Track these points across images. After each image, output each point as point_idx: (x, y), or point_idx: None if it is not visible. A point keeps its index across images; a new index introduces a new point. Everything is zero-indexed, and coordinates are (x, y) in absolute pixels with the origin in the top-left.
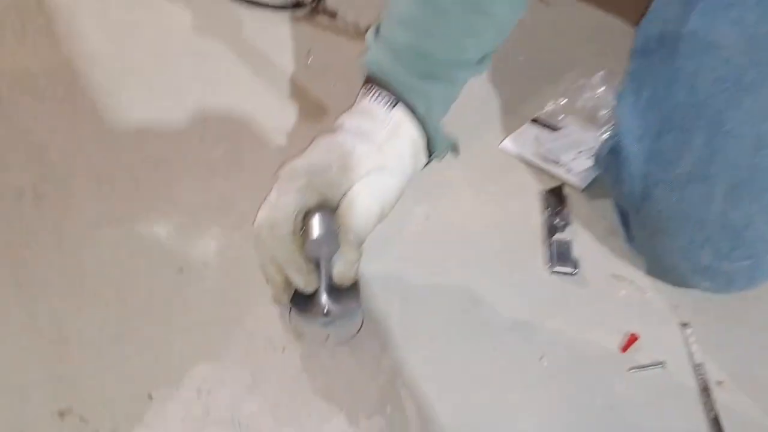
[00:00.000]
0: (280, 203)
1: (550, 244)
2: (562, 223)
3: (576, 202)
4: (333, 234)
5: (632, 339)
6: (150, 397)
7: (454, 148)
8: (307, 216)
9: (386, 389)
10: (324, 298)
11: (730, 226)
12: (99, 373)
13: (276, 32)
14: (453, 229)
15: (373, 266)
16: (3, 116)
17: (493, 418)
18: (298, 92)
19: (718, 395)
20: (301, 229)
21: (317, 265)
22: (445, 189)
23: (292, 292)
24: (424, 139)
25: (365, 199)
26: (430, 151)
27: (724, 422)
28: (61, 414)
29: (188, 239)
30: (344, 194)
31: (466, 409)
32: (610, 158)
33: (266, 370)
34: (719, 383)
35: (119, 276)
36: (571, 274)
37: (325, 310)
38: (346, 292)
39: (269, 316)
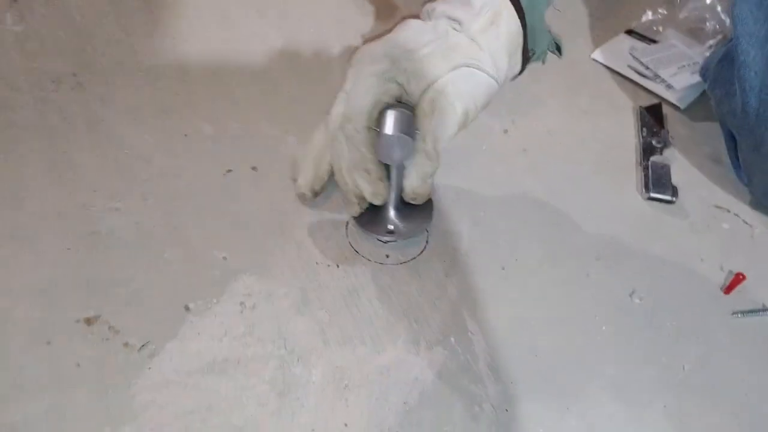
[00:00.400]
0: (356, 91)
1: (646, 167)
2: (660, 144)
3: (675, 123)
4: (409, 134)
5: (737, 279)
6: (187, 308)
7: (558, 48)
8: (382, 113)
9: (450, 318)
10: (391, 213)
11: None
12: (132, 277)
13: None
14: (535, 145)
15: (444, 182)
16: (47, 1)
17: (570, 358)
18: None
19: None
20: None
21: (388, 173)
22: (528, 101)
23: (367, 204)
24: (521, 36)
25: (450, 97)
26: (526, 55)
27: None
28: (88, 321)
29: (237, 140)
30: (426, 89)
31: (539, 347)
32: (721, 68)
33: (317, 288)
34: None
35: (160, 171)
36: (669, 201)
37: (390, 227)
38: (416, 209)
39: (323, 228)
